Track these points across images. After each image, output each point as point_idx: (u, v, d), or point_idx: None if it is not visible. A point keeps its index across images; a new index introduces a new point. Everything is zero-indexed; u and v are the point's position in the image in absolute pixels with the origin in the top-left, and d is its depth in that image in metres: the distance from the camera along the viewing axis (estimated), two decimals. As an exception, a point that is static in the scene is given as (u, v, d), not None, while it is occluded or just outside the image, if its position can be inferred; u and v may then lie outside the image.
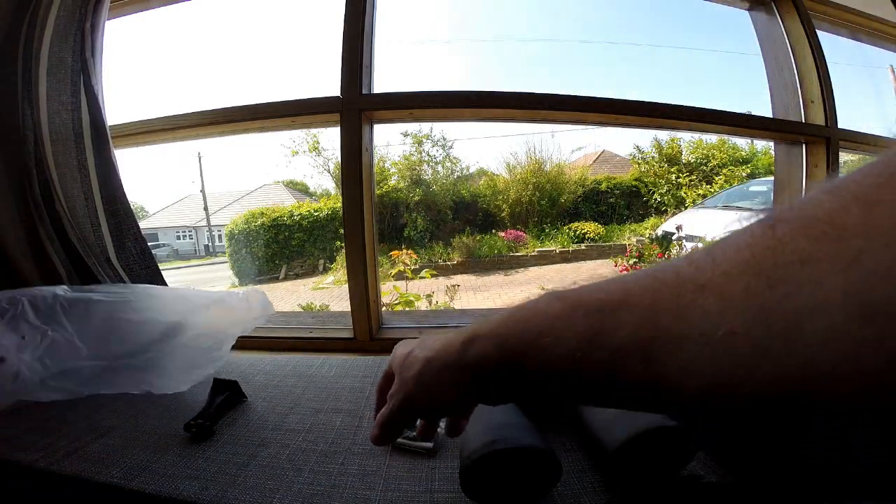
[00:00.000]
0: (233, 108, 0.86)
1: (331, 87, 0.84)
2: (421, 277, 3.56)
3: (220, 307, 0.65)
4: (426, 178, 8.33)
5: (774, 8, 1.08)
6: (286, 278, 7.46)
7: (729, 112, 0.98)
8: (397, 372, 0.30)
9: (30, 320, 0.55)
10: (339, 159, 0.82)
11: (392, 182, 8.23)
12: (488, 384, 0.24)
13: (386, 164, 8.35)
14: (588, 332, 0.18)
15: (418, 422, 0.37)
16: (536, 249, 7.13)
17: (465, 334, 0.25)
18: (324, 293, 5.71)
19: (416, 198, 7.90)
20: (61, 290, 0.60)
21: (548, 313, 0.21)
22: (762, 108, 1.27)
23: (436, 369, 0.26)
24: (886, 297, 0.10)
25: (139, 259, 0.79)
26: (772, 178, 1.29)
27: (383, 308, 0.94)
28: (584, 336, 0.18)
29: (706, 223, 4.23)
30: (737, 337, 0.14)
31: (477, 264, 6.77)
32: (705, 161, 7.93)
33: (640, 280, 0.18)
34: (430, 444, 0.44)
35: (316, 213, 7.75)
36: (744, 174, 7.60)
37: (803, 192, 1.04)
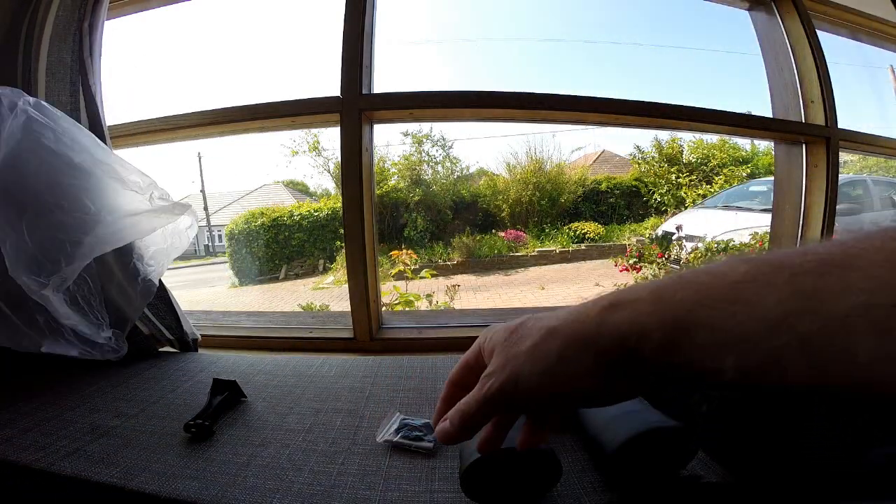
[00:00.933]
0: (233, 108, 0.86)
1: (331, 87, 0.84)
2: (421, 277, 3.56)
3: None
4: (426, 178, 8.32)
5: (774, 8, 1.08)
6: (286, 278, 7.46)
7: (729, 112, 0.98)
8: (499, 349, 0.23)
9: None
10: (339, 159, 0.82)
11: (392, 182, 8.22)
12: (638, 365, 0.19)
13: (386, 164, 8.34)
14: (797, 296, 0.15)
15: (519, 423, 0.27)
16: (536, 249, 7.13)
17: (603, 301, 0.20)
18: (324, 293, 5.71)
19: (416, 198, 7.90)
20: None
21: (730, 276, 0.17)
22: (762, 108, 1.27)
23: (562, 343, 0.20)
24: None
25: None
26: (772, 178, 1.29)
27: (383, 308, 0.94)
28: (791, 301, 0.15)
29: (706, 223, 4.23)
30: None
31: (477, 264, 6.77)
32: (705, 161, 7.93)
33: (861, 238, 0.15)
34: (430, 445, 0.44)
35: (316, 213, 7.75)
36: (744, 174, 7.60)
37: (802, 192, 1.04)
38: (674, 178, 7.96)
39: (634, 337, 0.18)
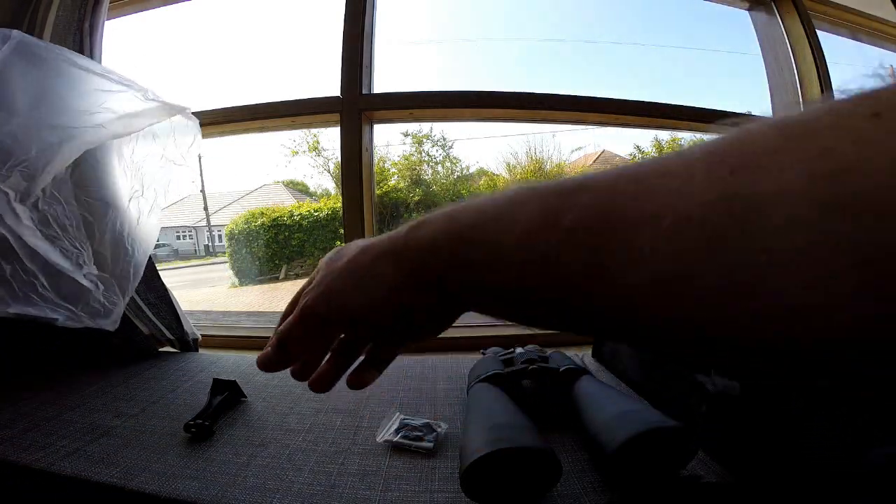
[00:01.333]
0: (233, 108, 0.86)
1: (331, 87, 0.84)
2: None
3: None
4: (426, 178, 8.33)
5: (774, 8, 1.08)
6: (286, 278, 7.45)
7: (729, 112, 0.98)
8: (321, 271, 0.24)
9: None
10: (339, 159, 0.82)
11: (392, 182, 8.22)
12: (434, 278, 0.20)
13: (386, 164, 8.34)
14: (541, 213, 0.16)
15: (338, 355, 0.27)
16: (536, 249, 7.13)
17: (412, 222, 0.21)
18: (324, 293, 5.70)
19: (416, 198, 7.90)
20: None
21: (509, 198, 0.18)
22: (762, 108, 1.27)
23: (372, 256, 0.21)
24: (851, 191, 0.10)
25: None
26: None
27: (383, 308, 0.94)
28: (537, 217, 0.16)
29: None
30: (692, 223, 0.12)
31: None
32: (705, 161, 7.93)
33: (604, 171, 0.16)
34: (430, 445, 0.44)
35: (316, 213, 7.74)
36: (744, 174, 7.60)
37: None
38: (674, 178, 7.95)
39: (428, 249, 0.20)
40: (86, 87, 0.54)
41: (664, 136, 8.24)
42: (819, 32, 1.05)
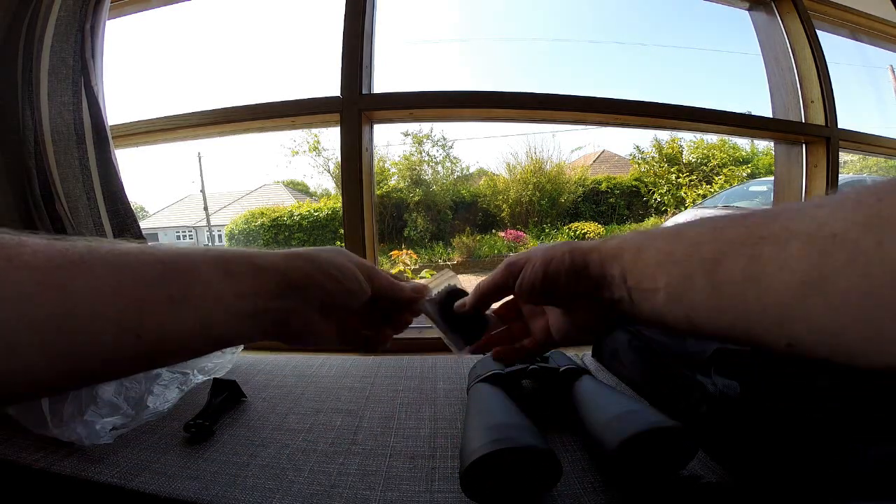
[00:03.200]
0: (233, 108, 0.86)
1: (331, 87, 0.84)
2: (421, 277, 3.56)
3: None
4: (426, 178, 8.33)
5: (774, 8, 1.08)
6: (286, 278, 7.45)
7: (729, 112, 0.98)
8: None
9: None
10: (339, 159, 0.82)
11: (392, 182, 8.23)
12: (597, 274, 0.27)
13: (386, 164, 8.35)
14: (710, 230, 0.20)
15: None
16: (536, 249, 7.12)
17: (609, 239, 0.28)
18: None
19: (416, 198, 7.90)
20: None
21: (681, 224, 0.23)
22: (762, 108, 1.27)
23: (566, 248, 0.29)
24: None
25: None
26: (772, 178, 1.29)
27: (383, 308, 0.94)
28: (706, 231, 0.20)
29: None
30: (836, 238, 0.14)
31: (477, 264, 6.76)
32: (705, 161, 7.93)
33: (769, 207, 0.20)
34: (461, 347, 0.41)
35: (316, 213, 7.75)
36: (744, 174, 7.60)
37: (802, 192, 1.04)
38: (674, 178, 7.95)
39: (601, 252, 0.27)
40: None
41: (664, 136, 8.26)
42: (819, 32, 1.05)
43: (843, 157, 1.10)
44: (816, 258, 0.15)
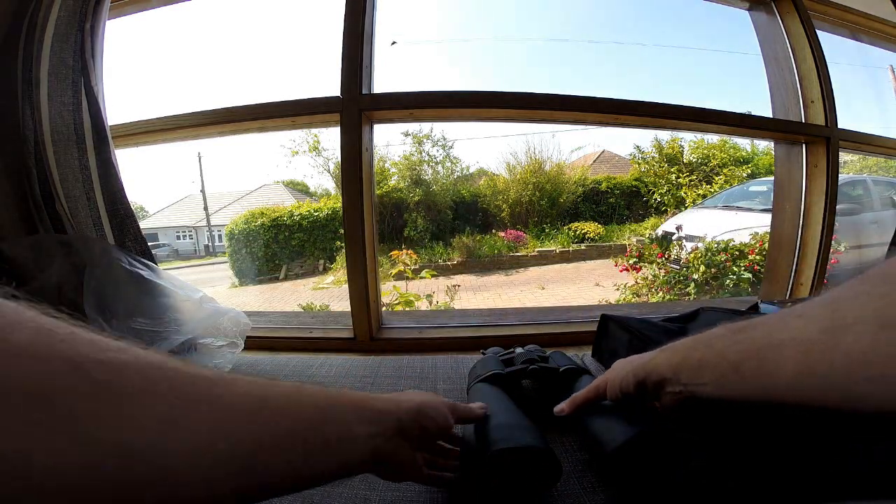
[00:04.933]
0: (233, 108, 0.86)
1: (331, 87, 0.84)
2: (421, 277, 3.55)
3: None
4: (426, 178, 8.32)
5: (774, 8, 1.08)
6: (286, 278, 7.46)
7: (729, 112, 0.98)
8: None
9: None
10: (339, 159, 0.82)
11: (392, 182, 8.22)
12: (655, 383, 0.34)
13: (386, 164, 8.34)
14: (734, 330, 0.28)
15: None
16: (536, 249, 7.13)
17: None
18: (324, 293, 5.71)
19: (416, 198, 7.90)
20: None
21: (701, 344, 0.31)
22: (762, 108, 1.27)
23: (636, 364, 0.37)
24: None
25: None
26: (772, 178, 1.29)
27: (383, 308, 0.94)
28: (726, 332, 0.29)
29: (706, 223, 4.23)
30: (811, 342, 0.22)
31: (477, 264, 6.76)
32: (705, 161, 7.92)
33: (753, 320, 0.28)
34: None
35: (316, 213, 7.75)
36: (744, 174, 7.59)
37: (802, 192, 1.04)
38: (674, 178, 7.95)
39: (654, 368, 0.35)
40: (161, 300, 0.68)
41: (664, 136, 8.25)
42: (819, 32, 1.05)
43: (843, 157, 1.10)
44: (801, 357, 0.22)
